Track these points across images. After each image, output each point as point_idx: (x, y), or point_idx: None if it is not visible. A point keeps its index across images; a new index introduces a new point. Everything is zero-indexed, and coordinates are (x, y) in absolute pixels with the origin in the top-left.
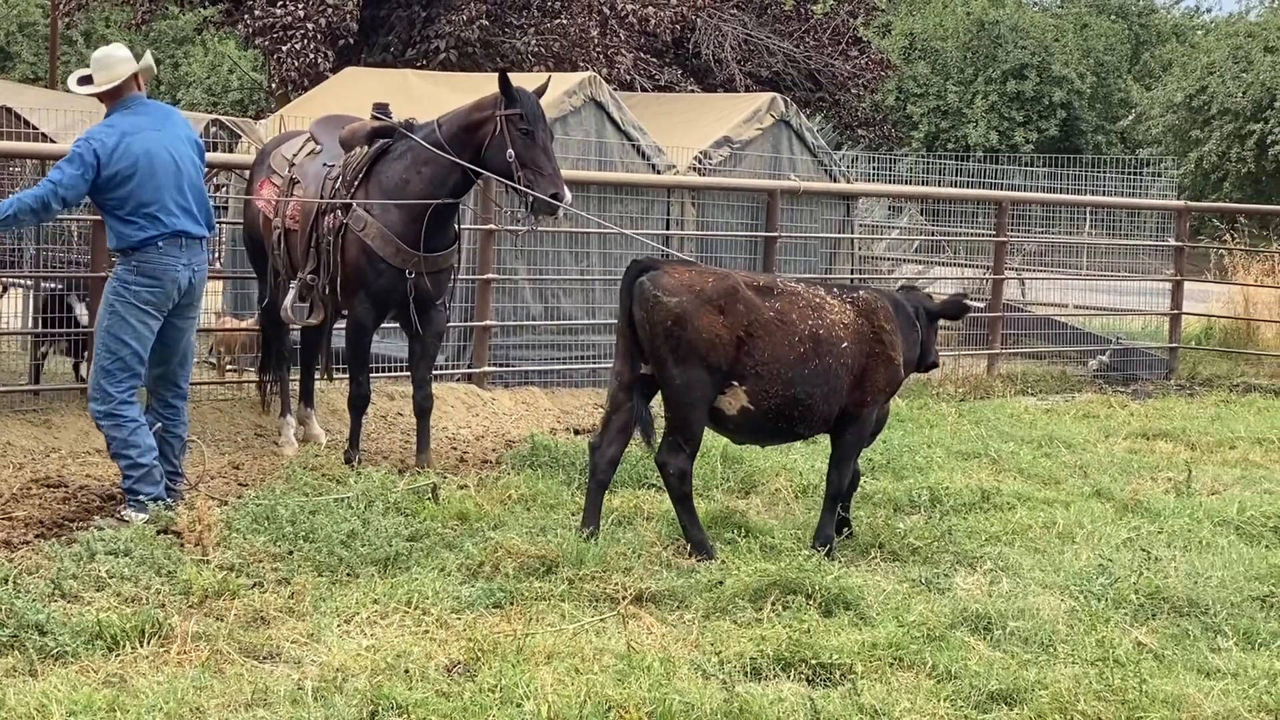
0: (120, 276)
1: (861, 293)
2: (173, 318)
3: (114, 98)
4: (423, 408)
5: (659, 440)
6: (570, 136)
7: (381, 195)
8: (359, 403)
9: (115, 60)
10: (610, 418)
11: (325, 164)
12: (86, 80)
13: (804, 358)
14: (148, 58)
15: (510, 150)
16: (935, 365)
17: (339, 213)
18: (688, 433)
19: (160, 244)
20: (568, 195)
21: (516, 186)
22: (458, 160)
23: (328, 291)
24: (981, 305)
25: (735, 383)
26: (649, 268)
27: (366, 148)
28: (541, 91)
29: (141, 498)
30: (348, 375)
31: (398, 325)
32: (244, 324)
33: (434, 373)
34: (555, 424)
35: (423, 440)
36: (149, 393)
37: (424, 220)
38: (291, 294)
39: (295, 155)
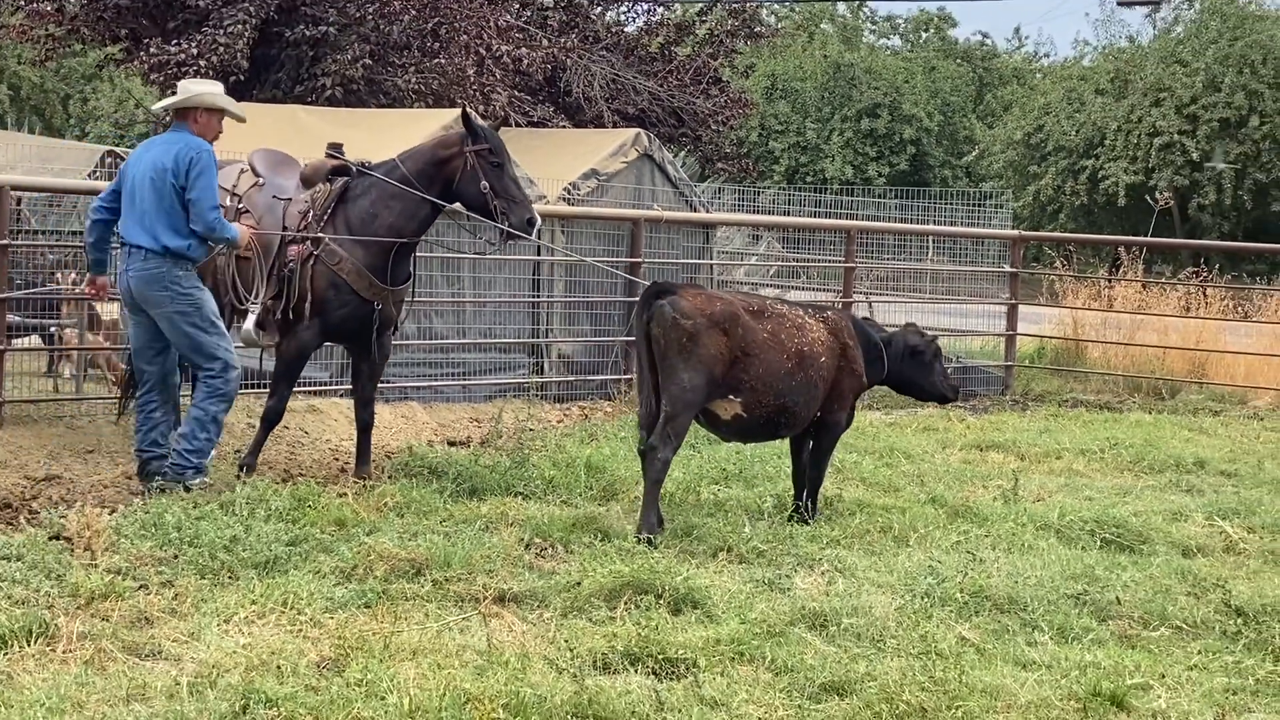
0: None
1: (830, 313)
2: (146, 317)
3: (177, 117)
4: (365, 423)
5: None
6: None
7: (350, 230)
8: (273, 416)
9: (186, 90)
10: (651, 424)
11: (275, 197)
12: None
13: (791, 372)
14: (203, 94)
15: (484, 182)
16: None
17: (308, 244)
18: (678, 429)
19: (122, 250)
20: (539, 218)
21: (491, 217)
22: (426, 195)
23: (279, 316)
24: None
25: (732, 395)
26: (667, 291)
27: (328, 184)
28: (497, 127)
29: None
30: (269, 389)
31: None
32: None
33: (319, 389)
34: (433, 436)
35: (363, 453)
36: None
37: (391, 254)
38: (252, 319)
39: (234, 185)
